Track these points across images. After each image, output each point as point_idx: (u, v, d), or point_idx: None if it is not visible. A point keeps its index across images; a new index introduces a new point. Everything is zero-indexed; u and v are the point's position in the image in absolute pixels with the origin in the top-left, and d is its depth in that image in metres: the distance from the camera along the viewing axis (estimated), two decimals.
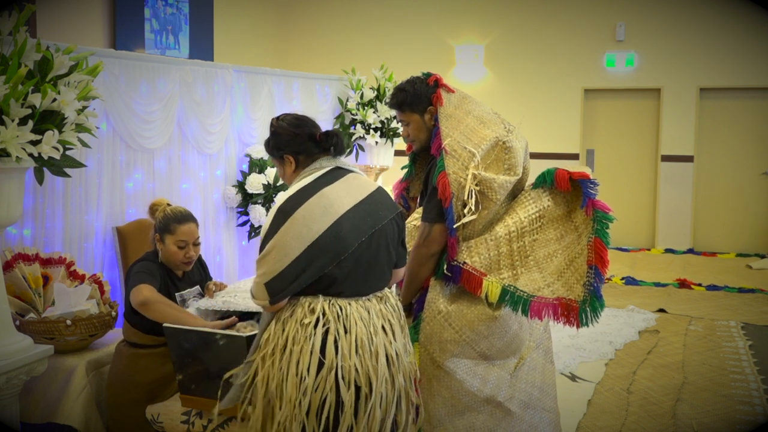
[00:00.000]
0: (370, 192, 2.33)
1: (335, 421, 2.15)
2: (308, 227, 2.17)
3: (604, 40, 8.69)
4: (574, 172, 2.71)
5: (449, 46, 9.22)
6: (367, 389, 2.18)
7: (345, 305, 2.22)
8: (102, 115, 3.83)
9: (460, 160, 2.66)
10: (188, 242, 3.05)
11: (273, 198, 4.96)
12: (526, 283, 2.66)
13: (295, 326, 2.18)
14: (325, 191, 2.24)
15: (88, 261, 3.86)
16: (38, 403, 3.13)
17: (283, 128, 2.42)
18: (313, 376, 2.13)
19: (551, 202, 2.74)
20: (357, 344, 2.18)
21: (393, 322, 2.33)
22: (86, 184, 3.84)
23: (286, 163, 2.40)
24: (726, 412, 3.88)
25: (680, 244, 8.58)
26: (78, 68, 2.70)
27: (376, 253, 2.29)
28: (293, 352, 2.16)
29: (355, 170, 2.42)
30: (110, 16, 6.77)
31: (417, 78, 2.87)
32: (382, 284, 2.35)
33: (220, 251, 4.99)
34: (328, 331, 2.17)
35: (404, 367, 2.32)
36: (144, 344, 3.01)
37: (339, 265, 2.20)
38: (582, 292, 2.62)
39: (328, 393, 2.13)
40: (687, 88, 8.49)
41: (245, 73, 5.13)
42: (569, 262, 2.68)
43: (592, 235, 2.63)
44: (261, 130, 5.32)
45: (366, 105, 6.07)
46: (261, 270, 2.21)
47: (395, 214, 2.37)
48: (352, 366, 2.15)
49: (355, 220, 2.24)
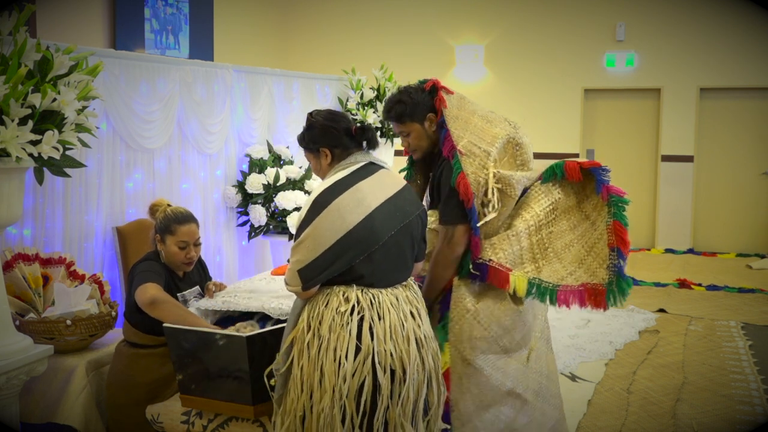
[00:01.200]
0: (400, 188, 2.42)
1: (372, 404, 2.23)
2: (342, 219, 2.25)
3: (604, 40, 8.69)
4: (584, 161, 2.78)
5: (449, 46, 9.22)
6: (401, 372, 2.26)
7: (377, 293, 2.30)
8: (102, 115, 3.84)
9: (477, 160, 2.70)
10: (189, 243, 3.06)
11: (273, 198, 4.96)
12: (549, 274, 2.74)
13: (330, 314, 2.26)
14: (359, 185, 2.33)
15: (88, 261, 3.86)
16: (38, 403, 3.13)
17: (319, 122, 2.48)
18: (351, 361, 2.20)
19: (562, 194, 2.81)
20: (390, 330, 2.27)
21: (419, 308, 2.42)
22: (86, 184, 3.84)
23: (321, 156, 2.47)
24: (726, 412, 3.88)
25: (680, 244, 8.58)
26: (78, 68, 2.70)
27: (403, 246, 2.38)
28: (330, 339, 2.23)
29: (386, 166, 2.50)
30: (110, 16, 6.77)
31: (410, 87, 2.87)
32: (406, 276, 2.44)
33: (220, 251, 4.99)
34: (362, 319, 2.25)
35: (432, 350, 2.40)
36: (144, 344, 3.01)
37: (369, 256, 2.28)
38: (606, 274, 2.70)
39: (366, 377, 2.21)
40: (687, 88, 8.49)
41: (245, 73, 5.13)
42: (589, 248, 2.76)
43: (610, 219, 2.71)
44: (261, 130, 5.32)
45: (366, 105, 6.07)
46: (295, 257, 2.29)
47: (420, 210, 2.47)
48: (387, 351, 2.24)
49: (385, 214, 2.32)
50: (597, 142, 8.87)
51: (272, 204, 4.97)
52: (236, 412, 2.62)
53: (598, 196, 2.74)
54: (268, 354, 2.54)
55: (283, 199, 4.90)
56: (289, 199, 4.90)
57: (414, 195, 2.49)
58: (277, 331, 2.64)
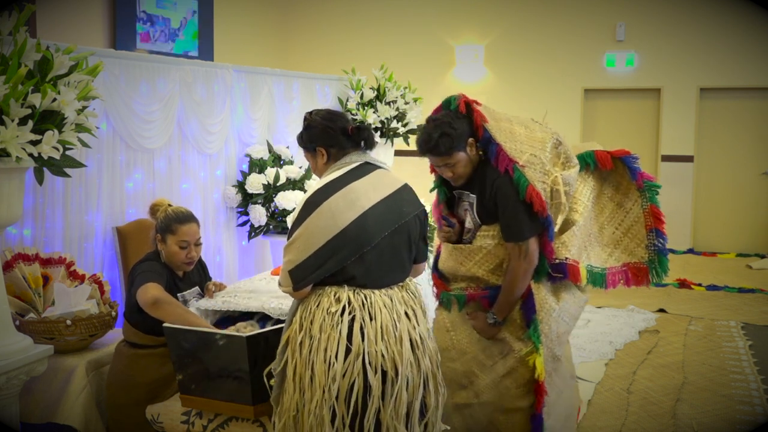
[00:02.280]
0: (397, 188, 2.41)
1: (363, 405, 2.22)
2: (334, 219, 2.25)
3: (604, 40, 8.69)
4: (614, 150, 2.97)
5: (449, 46, 9.22)
6: (393, 373, 2.25)
7: (369, 294, 2.30)
8: (102, 115, 3.83)
9: (537, 168, 2.75)
10: (190, 242, 3.06)
11: (273, 198, 4.96)
12: (595, 259, 2.91)
13: (321, 315, 2.25)
14: (353, 185, 2.33)
15: (88, 261, 3.86)
16: (38, 403, 3.13)
17: (316, 122, 2.48)
18: (341, 362, 2.20)
19: (594, 181, 2.99)
20: (382, 330, 2.26)
21: (415, 308, 2.41)
22: (86, 184, 3.84)
23: (318, 155, 2.48)
24: (726, 412, 3.88)
25: (680, 244, 8.58)
26: (78, 68, 2.70)
27: (399, 247, 2.37)
28: (321, 339, 2.23)
29: (384, 166, 2.49)
30: (110, 16, 6.77)
31: (445, 117, 2.79)
32: (402, 277, 2.42)
33: (220, 251, 4.99)
34: (354, 319, 2.25)
35: (429, 351, 2.39)
36: (144, 344, 3.00)
37: (362, 257, 2.28)
38: (645, 253, 2.93)
39: (356, 378, 2.21)
40: (687, 88, 8.49)
41: (245, 73, 5.13)
42: (625, 230, 2.97)
43: (646, 203, 2.95)
44: (261, 129, 5.32)
45: (366, 105, 6.06)
46: (286, 257, 2.30)
47: (419, 210, 2.45)
48: (378, 351, 2.23)
49: (380, 215, 2.31)
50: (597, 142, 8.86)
51: (272, 204, 4.97)
52: (236, 412, 2.62)
53: (632, 183, 2.95)
54: (268, 354, 2.54)
55: (283, 199, 4.90)
56: (289, 199, 4.90)
57: (414, 195, 2.48)
58: (277, 331, 2.64)
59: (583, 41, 8.75)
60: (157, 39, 7.29)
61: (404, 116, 6.11)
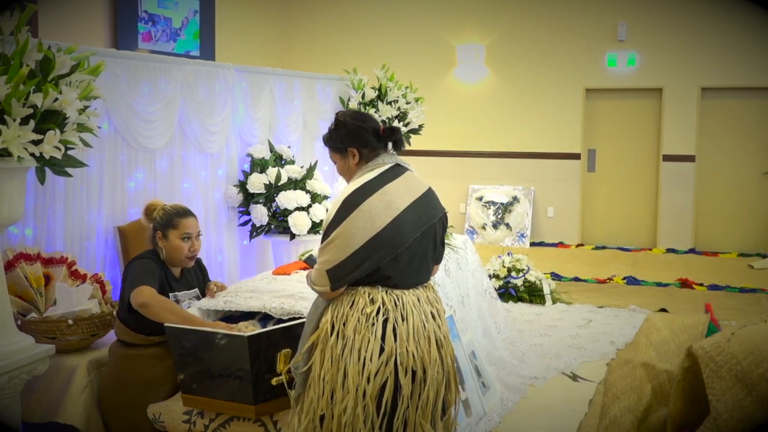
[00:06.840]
0: (424, 191, 2.44)
1: (393, 404, 2.24)
2: (372, 221, 2.27)
3: (605, 39, 8.68)
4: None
5: (450, 45, 9.21)
6: (422, 373, 2.28)
7: (401, 294, 2.32)
8: (103, 115, 3.84)
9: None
10: (192, 234, 3.10)
11: (274, 198, 4.96)
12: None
13: (356, 315, 2.27)
14: (387, 188, 2.34)
15: (89, 260, 3.87)
16: (40, 402, 3.13)
17: (348, 122, 2.48)
18: (376, 362, 2.21)
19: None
20: (413, 331, 2.28)
21: (438, 308, 2.44)
22: (88, 184, 3.84)
23: (349, 156, 2.47)
24: None
25: (682, 244, 8.57)
26: (79, 68, 2.70)
27: (426, 248, 2.40)
28: (355, 340, 2.24)
29: (411, 168, 2.51)
30: (112, 16, 6.77)
31: None
32: (427, 277, 2.46)
33: (222, 251, 4.99)
34: (387, 320, 2.27)
35: (450, 350, 2.42)
36: (134, 343, 3.01)
37: (396, 258, 2.30)
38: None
39: (388, 378, 2.22)
40: (688, 87, 8.48)
41: (246, 73, 5.13)
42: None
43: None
44: (262, 129, 5.32)
45: (367, 105, 6.06)
46: (323, 257, 2.29)
47: (442, 213, 2.48)
48: (409, 351, 2.25)
49: (412, 216, 2.34)
50: (598, 142, 8.86)
51: (274, 204, 4.97)
52: (237, 412, 2.62)
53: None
54: (269, 354, 2.54)
55: (284, 199, 4.90)
56: (290, 199, 4.90)
57: (436, 198, 2.50)
58: (278, 330, 2.64)
59: (585, 41, 8.74)
60: (159, 39, 7.29)
61: (406, 116, 6.11)
